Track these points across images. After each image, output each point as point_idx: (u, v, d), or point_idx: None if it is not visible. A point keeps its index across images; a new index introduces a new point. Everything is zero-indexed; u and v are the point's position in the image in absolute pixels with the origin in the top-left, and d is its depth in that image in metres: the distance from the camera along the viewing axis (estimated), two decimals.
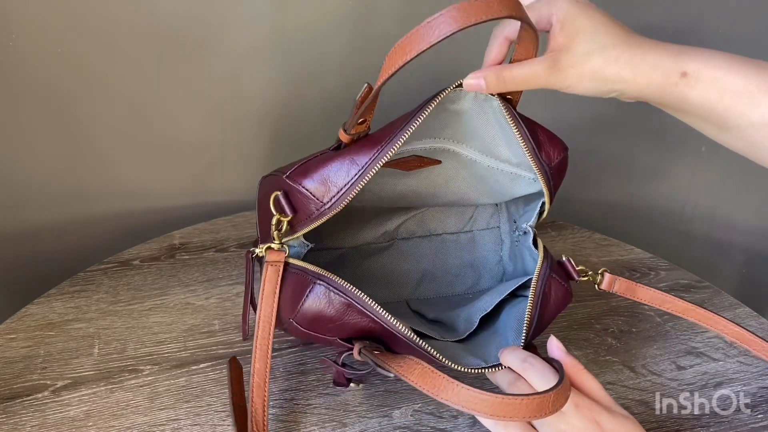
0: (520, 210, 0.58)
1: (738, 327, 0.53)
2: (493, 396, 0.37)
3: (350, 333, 0.47)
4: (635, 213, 0.94)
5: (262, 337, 0.46)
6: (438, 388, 0.39)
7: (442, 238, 0.62)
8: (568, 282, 0.51)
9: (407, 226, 0.61)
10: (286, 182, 0.46)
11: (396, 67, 0.39)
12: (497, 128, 0.49)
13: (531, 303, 0.48)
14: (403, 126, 0.45)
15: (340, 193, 0.45)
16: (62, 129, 0.68)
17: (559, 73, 0.42)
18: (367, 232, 0.61)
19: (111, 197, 0.74)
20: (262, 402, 0.46)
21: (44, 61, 0.63)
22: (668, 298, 0.54)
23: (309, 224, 0.46)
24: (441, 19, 0.37)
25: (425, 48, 0.38)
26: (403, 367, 0.41)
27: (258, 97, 0.72)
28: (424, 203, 0.61)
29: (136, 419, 0.50)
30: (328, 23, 0.69)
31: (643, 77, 0.42)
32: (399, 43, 0.39)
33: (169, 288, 0.64)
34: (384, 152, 0.45)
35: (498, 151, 0.51)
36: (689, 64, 0.42)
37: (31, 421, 0.50)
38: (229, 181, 0.77)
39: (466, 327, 0.53)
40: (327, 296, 0.46)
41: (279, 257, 0.47)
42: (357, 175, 0.45)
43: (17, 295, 0.65)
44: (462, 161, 0.53)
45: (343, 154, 0.45)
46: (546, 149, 0.48)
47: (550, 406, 0.38)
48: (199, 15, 0.65)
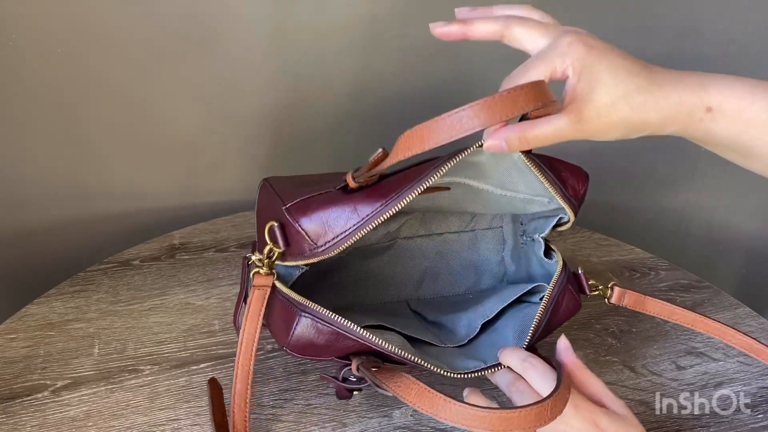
0: (529, 218, 0.58)
1: (747, 337, 0.54)
2: (491, 411, 0.38)
3: (346, 353, 0.47)
4: (635, 213, 0.94)
5: (243, 358, 0.46)
6: (436, 408, 0.39)
7: (444, 238, 0.62)
8: (579, 294, 0.52)
9: (409, 226, 0.61)
10: (285, 215, 0.45)
11: (410, 154, 0.37)
12: (515, 172, 0.49)
13: (543, 307, 0.48)
14: (413, 183, 0.44)
15: (336, 240, 0.44)
16: (62, 129, 0.68)
17: (584, 126, 0.40)
18: (369, 232, 0.61)
19: (111, 197, 0.74)
20: (243, 422, 0.46)
21: (44, 61, 0.63)
22: (677, 310, 0.54)
23: (300, 260, 0.46)
24: (464, 113, 0.35)
25: (443, 142, 0.36)
26: (401, 387, 0.41)
27: (258, 98, 0.72)
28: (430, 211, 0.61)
29: (136, 419, 0.50)
30: (328, 24, 0.69)
31: (669, 119, 0.41)
32: (417, 129, 0.37)
33: (169, 288, 0.64)
34: (389, 207, 0.44)
35: (514, 187, 0.51)
36: (713, 97, 0.41)
37: (31, 421, 0.50)
38: (229, 181, 0.77)
39: (467, 332, 0.53)
40: (314, 327, 0.45)
41: (266, 282, 0.46)
42: (356, 225, 0.44)
43: (17, 295, 0.65)
44: (474, 191, 0.52)
45: (346, 201, 0.45)
46: (571, 184, 0.49)
47: (549, 413, 0.38)
48: (199, 15, 0.65)
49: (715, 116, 0.41)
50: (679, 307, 0.55)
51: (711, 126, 0.41)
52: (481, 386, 0.49)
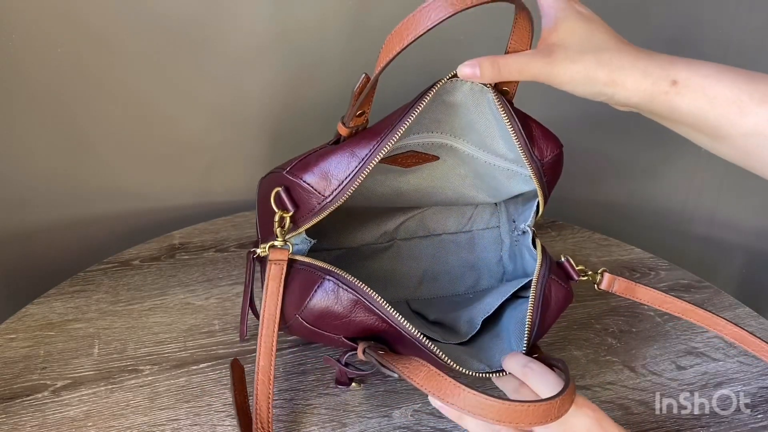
0: (519, 209, 0.58)
1: (737, 327, 0.53)
2: (500, 402, 0.37)
3: (356, 331, 0.47)
4: (635, 213, 0.94)
5: (266, 335, 0.46)
6: (444, 392, 0.39)
7: (442, 238, 0.62)
8: (568, 282, 0.51)
9: (407, 227, 0.61)
10: (287, 177, 0.46)
11: (393, 54, 0.39)
12: (493, 121, 0.48)
13: (531, 307, 0.48)
14: (402, 117, 0.45)
15: (342, 186, 0.45)
16: (62, 129, 0.68)
17: (552, 65, 0.43)
18: (367, 233, 0.61)
19: (111, 197, 0.74)
20: (267, 400, 0.46)
21: (44, 61, 0.63)
22: (668, 299, 0.54)
23: (311, 219, 0.46)
24: (435, 3, 0.37)
25: (421, 33, 0.38)
26: (408, 368, 0.41)
27: (258, 98, 0.72)
28: (424, 201, 0.61)
29: (136, 419, 0.50)
30: (328, 24, 0.69)
31: (633, 83, 0.42)
32: (395, 30, 0.39)
33: (169, 288, 0.64)
34: (384, 143, 0.44)
35: (494, 146, 0.50)
36: (679, 72, 0.42)
37: (31, 421, 0.50)
38: (229, 181, 0.77)
39: (468, 329, 0.53)
40: (336, 292, 0.46)
41: (282, 255, 0.47)
42: (358, 167, 0.45)
43: (17, 295, 0.65)
44: (460, 156, 0.53)
45: (342, 148, 0.45)
46: (539, 145, 0.48)
47: (556, 412, 0.38)
48: (199, 16, 0.65)
49: (680, 90, 0.42)
50: (670, 295, 0.53)
51: (676, 100, 0.42)
52: (484, 386, 0.49)
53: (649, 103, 0.43)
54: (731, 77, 0.42)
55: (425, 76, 0.64)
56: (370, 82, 0.43)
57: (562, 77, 0.43)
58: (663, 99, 0.43)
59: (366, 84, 0.43)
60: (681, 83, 0.42)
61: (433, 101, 0.45)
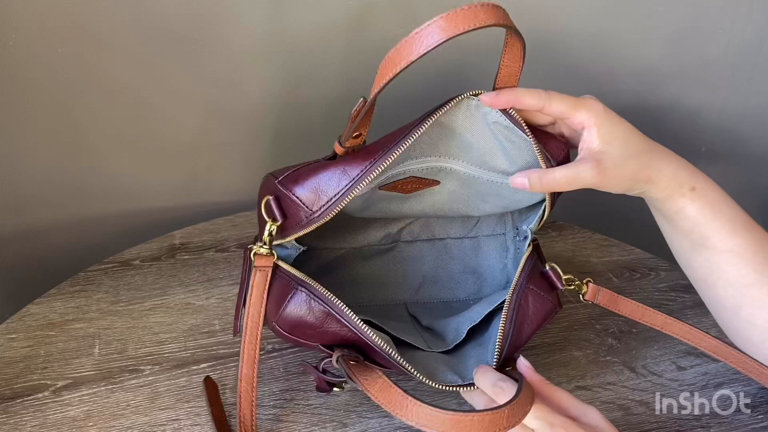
0: (524, 216, 0.57)
1: (717, 341, 0.52)
2: (446, 413, 0.37)
3: (331, 341, 0.47)
4: (636, 213, 0.94)
5: (249, 342, 0.46)
6: (394, 404, 0.39)
7: (446, 243, 0.61)
8: (551, 293, 0.50)
9: (411, 229, 0.61)
10: (278, 187, 0.46)
11: (387, 79, 0.39)
12: (491, 138, 0.48)
13: (504, 317, 0.47)
14: (399, 140, 0.44)
15: (330, 203, 0.45)
16: (62, 129, 0.68)
17: (603, 175, 0.46)
18: (370, 234, 0.60)
19: (111, 197, 0.74)
20: (250, 407, 0.46)
21: (44, 61, 0.63)
22: (648, 312, 0.53)
23: (299, 230, 0.46)
24: (428, 29, 0.37)
25: (414, 59, 0.38)
26: (368, 380, 0.41)
27: (258, 97, 0.72)
28: None
29: (137, 419, 0.50)
30: (327, 24, 0.69)
31: (664, 183, 0.48)
32: (389, 55, 0.39)
33: (169, 288, 0.64)
34: (377, 164, 0.44)
35: (494, 163, 0.50)
36: (699, 182, 0.48)
37: (31, 421, 0.50)
38: (229, 181, 0.77)
39: (454, 337, 0.52)
40: (308, 303, 0.46)
41: (267, 262, 0.47)
42: (347, 186, 0.45)
43: (17, 295, 0.65)
44: (460, 179, 0.52)
45: (335, 165, 0.45)
46: (549, 148, 0.48)
47: (504, 422, 0.37)
48: (199, 16, 0.65)
49: (695, 196, 0.48)
50: (650, 308, 0.53)
51: (687, 204, 0.48)
52: (458, 398, 0.48)
53: (663, 201, 0.49)
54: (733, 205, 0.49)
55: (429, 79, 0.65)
56: (366, 105, 0.42)
57: (610, 182, 0.47)
58: (678, 200, 0.48)
59: (363, 107, 0.43)
60: (698, 191, 0.48)
61: (430, 124, 0.45)
